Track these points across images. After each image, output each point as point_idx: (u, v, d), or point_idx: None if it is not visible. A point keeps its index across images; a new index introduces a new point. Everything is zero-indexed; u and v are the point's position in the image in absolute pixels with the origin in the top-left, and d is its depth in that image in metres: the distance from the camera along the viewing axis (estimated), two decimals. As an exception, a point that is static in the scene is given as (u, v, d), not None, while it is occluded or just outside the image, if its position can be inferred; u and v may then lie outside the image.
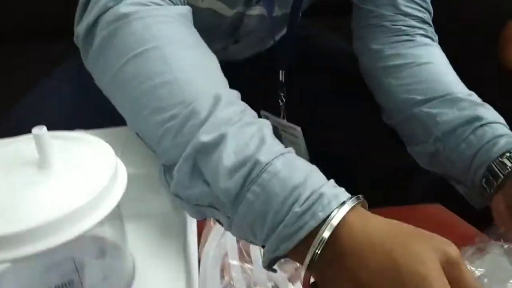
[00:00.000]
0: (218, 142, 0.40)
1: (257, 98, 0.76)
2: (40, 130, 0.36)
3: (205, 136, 0.40)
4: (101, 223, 0.39)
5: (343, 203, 0.38)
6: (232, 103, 0.44)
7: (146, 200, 0.49)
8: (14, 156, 0.38)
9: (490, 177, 0.59)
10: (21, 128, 0.41)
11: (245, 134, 0.41)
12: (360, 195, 0.40)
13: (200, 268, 0.60)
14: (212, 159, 0.40)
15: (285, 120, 0.81)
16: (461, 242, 0.66)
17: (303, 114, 0.82)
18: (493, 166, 0.59)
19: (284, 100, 0.81)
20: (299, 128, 0.78)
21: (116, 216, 0.42)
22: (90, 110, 0.44)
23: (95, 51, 0.48)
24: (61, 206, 0.34)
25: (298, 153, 0.77)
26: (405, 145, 0.71)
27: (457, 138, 0.62)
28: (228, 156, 0.40)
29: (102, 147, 0.41)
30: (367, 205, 0.41)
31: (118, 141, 0.39)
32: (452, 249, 0.37)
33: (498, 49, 0.95)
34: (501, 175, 0.58)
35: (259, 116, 0.48)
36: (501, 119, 0.63)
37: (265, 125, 0.44)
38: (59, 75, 0.78)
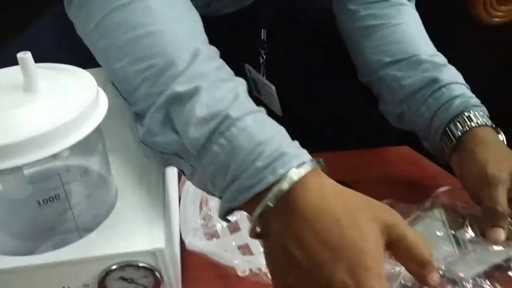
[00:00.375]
0: (192, 94, 0.43)
1: (240, 54, 0.79)
2: (25, 54, 0.38)
3: (180, 87, 0.43)
4: (86, 150, 0.43)
5: (304, 163, 0.40)
6: (210, 59, 0.46)
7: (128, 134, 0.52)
8: (1, 81, 0.40)
9: (446, 139, 0.62)
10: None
11: (219, 89, 0.43)
12: (321, 159, 0.42)
13: (181, 202, 0.63)
14: (185, 109, 0.42)
15: (264, 77, 0.84)
16: (427, 180, 0.71)
17: (283, 72, 0.85)
18: (447, 128, 0.62)
19: (264, 57, 0.83)
20: (273, 88, 0.81)
21: (100, 144, 0.45)
22: (70, 57, 0.46)
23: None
24: (46, 122, 0.37)
25: (273, 107, 0.80)
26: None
27: (418, 101, 0.65)
28: (201, 107, 0.42)
29: (84, 75, 0.43)
30: (326, 171, 0.42)
31: (98, 81, 0.42)
32: (392, 215, 0.40)
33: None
34: (453, 139, 0.61)
35: (244, 70, 0.50)
36: (460, 79, 0.65)
37: (240, 83, 0.46)
38: (40, 24, 0.80)
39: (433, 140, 0.65)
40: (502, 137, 0.62)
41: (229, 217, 0.45)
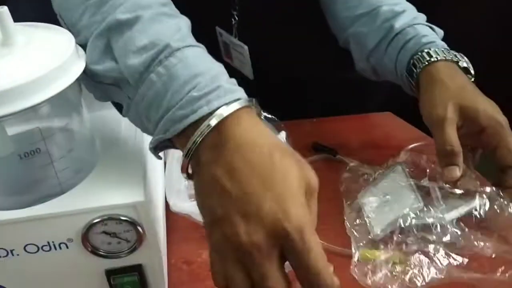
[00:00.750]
0: (133, 22, 0.43)
1: (210, 16, 0.78)
2: (1, 8, 0.39)
3: (121, 15, 0.43)
4: (66, 107, 0.43)
5: (239, 99, 0.40)
6: None
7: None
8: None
9: (412, 85, 0.63)
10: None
11: (161, 22, 0.43)
12: (255, 99, 0.41)
13: (166, 167, 0.64)
14: (124, 37, 0.42)
15: (236, 38, 0.83)
16: (408, 143, 0.73)
17: (255, 34, 0.84)
18: (407, 74, 0.63)
19: (236, 18, 0.82)
20: (246, 47, 0.80)
21: (79, 102, 0.46)
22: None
23: None
24: (24, 75, 0.37)
25: (244, 71, 0.79)
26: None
27: (381, 53, 0.66)
28: (141, 36, 0.42)
29: (63, 32, 0.44)
30: (261, 114, 0.43)
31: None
32: (314, 178, 0.40)
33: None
34: (413, 83, 0.62)
35: (214, 32, 0.49)
36: (418, 20, 0.65)
37: (184, 20, 0.45)
38: None
39: (410, 89, 0.65)
40: (465, 64, 0.61)
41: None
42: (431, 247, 0.56)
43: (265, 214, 0.36)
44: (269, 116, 0.71)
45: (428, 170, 0.61)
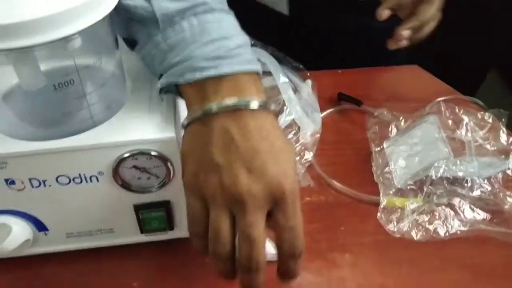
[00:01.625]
0: None
1: None
2: None
3: None
4: (98, 43, 0.43)
5: (265, 102, 0.41)
6: None
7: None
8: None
9: None
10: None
11: None
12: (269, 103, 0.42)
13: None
14: None
15: None
16: (435, 97, 0.72)
17: None
18: None
19: None
20: None
21: (112, 40, 0.46)
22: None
23: None
24: (57, 5, 0.37)
25: (279, 9, 0.75)
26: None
27: None
28: None
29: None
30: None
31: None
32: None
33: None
34: None
35: None
36: None
37: None
38: None
39: None
40: None
41: None
42: (456, 200, 0.56)
43: (268, 172, 0.38)
44: (296, 64, 0.70)
45: (462, 123, 0.60)
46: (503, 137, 0.58)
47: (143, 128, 0.45)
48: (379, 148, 0.63)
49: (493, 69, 1.19)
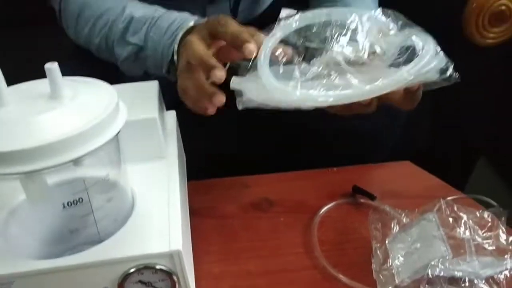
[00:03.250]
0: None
1: None
2: (52, 65, 0.41)
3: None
4: (106, 157, 0.45)
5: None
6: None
7: (142, 144, 0.55)
8: (29, 90, 0.43)
9: None
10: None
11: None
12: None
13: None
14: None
15: None
16: (429, 193, 0.73)
17: None
18: None
19: None
20: None
21: (118, 153, 0.48)
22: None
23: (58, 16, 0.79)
24: (67, 129, 0.39)
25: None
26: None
27: None
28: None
29: (106, 87, 0.46)
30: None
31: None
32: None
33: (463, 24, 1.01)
34: None
35: None
36: None
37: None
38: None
39: None
40: None
41: None
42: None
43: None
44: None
45: (461, 221, 0.61)
46: (503, 236, 0.59)
47: (149, 241, 0.46)
48: (379, 245, 0.64)
49: (483, 157, 1.22)
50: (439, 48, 0.53)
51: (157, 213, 0.49)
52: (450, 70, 0.52)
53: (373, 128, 0.76)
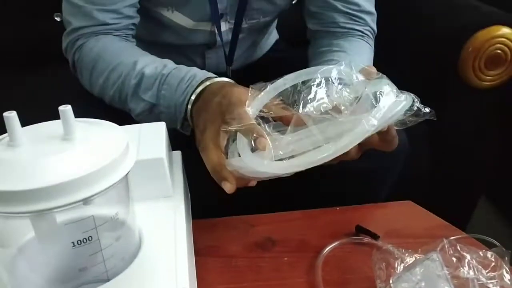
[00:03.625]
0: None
1: None
2: (65, 107, 0.43)
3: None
4: (115, 197, 0.46)
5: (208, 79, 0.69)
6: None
7: (149, 183, 0.56)
8: (43, 131, 0.45)
9: None
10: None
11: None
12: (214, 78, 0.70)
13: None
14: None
15: None
16: (432, 233, 0.74)
17: None
18: None
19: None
20: None
21: (127, 192, 0.49)
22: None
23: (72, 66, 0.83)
24: (78, 170, 0.40)
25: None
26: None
27: None
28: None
29: (116, 129, 0.48)
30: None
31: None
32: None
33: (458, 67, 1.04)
34: None
35: None
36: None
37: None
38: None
39: None
40: None
41: None
42: None
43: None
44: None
45: (466, 261, 0.61)
46: (507, 276, 0.59)
47: (156, 281, 0.46)
48: (384, 284, 0.64)
49: (483, 196, 1.23)
50: (396, 90, 0.55)
51: (163, 252, 0.50)
52: (416, 106, 0.54)
53: (373, 168, 0.77)
